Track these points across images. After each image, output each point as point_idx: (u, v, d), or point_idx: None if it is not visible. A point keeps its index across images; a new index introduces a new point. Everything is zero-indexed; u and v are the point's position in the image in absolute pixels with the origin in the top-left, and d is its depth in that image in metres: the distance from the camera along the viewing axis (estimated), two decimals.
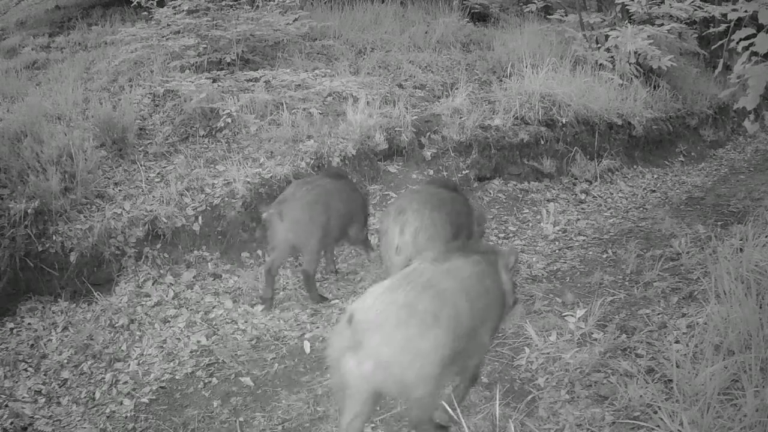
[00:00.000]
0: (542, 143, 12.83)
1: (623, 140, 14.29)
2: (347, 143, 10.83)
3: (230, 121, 10.94)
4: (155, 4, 13.38)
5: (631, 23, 15.41)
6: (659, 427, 5.00)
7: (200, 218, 9.43)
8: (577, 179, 12.94)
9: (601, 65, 14.84)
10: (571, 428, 5.54)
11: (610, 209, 12.02)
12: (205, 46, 12.54)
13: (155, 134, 11.01)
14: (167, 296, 8.69)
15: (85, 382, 7.52)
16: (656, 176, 14.24)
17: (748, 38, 7.05)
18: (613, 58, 14.96)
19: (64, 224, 9.00)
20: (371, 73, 13.54)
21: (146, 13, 13.58)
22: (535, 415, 5.85)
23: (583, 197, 12.37)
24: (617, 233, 10.54)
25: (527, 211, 11.62)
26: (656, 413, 5.16)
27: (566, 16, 16.71)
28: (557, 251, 9.94)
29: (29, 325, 8.37)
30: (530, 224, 11.19)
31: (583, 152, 13.29)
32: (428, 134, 11.82)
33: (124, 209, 9.35)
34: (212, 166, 10.35)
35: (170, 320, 8.30)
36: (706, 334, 6.05)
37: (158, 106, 11.70)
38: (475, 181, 11.91)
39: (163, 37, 12.84)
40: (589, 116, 13.67)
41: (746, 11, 7.59)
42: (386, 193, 10.88)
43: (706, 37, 17.67)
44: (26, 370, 7.69)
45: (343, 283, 9.16)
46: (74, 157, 9.54)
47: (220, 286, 9.00)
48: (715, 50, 17.08)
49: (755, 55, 7.16)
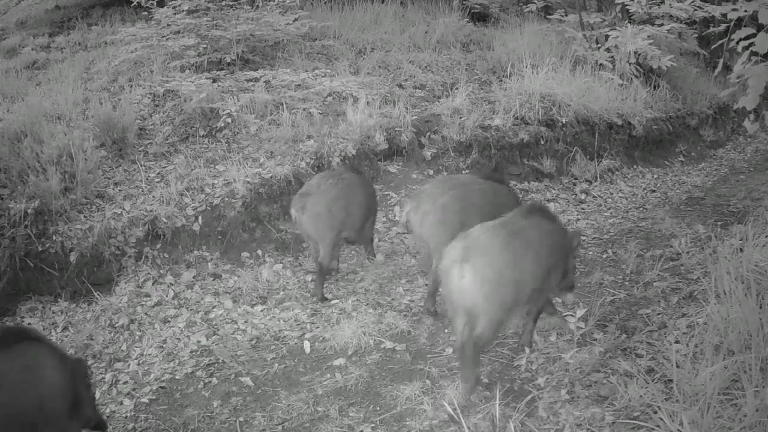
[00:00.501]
0: (542, 143, 12.83)
1: (623, 140, 14.29)
2: (347, 143, 10.82)
3: (230, 121, 10.95)
4: (155, 4, 13.39)
5: (631, 23, 15.40)
6: (659, 427, 5.00)
7: (200, 218, 9.43)
8: (577, 179, 12.93)
9: (601, 65, 14.84)
10: (571, 428, 5.54)
11: (610, 209, 12.02)
12: (205, 46, 12.55)
13: (155, 134, 11.01)
14: (167, 296, 8.69)
15: None
16: (656, 176, 14.24)
17: (747, 38, 7.04)
18: (613, 58, 14.96)
19: (64, 224, 9.01)
20: (371, 73, 13.54)
21: (146, 13, 13.59)
22: (535, 415, 5.84)
23: (583, 197, 12.36)
24: (617, 233, 10.55)
25: None
26: (656, 413, 5.16)
27: (566, 16, 16.71)
28: None
29: (29, 325, 8.34)
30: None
31: (583, 152, 13.29)
32: (428, 134, 11.83)
33: (124, 209, 9.36)
34: (212, 166, 10.35)
35: (170, 320, 8.29)
36: (706, 334, 6.05)
37: (158, 106, 11.70)
38: None
39: (163, 37, 12.85)
40: (589, 116, 13.67)
41: (746, 11, 7.58)
42: (386, 193, 10.88)
43: (706, 37, 17.69)
44: None
45: (343, 283, 9.14)
46: (74, 157, 9.55)
47: (220, 286, 8.98)
48: (715, 50, 17.09)
49: (755, 55, 7.15)
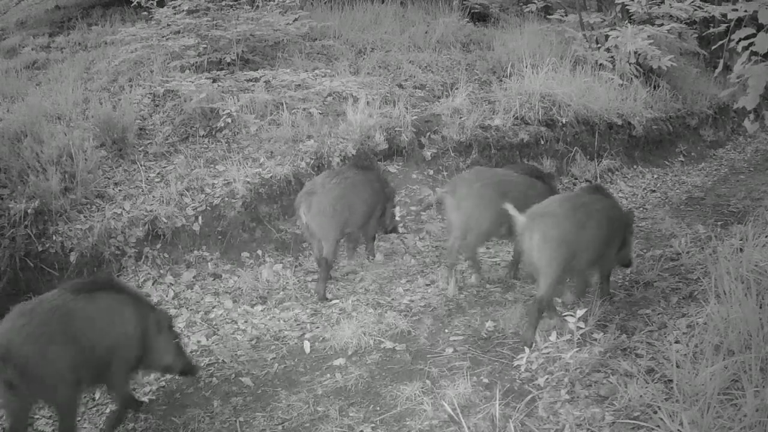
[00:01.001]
0: (542, 143, 12.85)
1: (623, 140, 14.31)
2: (347, 143, 10.82)
3: (230, 121, 10.95)
4: (155, 4, 13.37)
5: (631, 23, 15.42)
6: (659, 427, 5.00)
7: (200, 218, 9.43)
8: (577, 179, 12.94)
9: (601, 65, 14.86)
10: (571, 428, 5.54)
11: None
12: (205, 46, 12.55)
13: (155, 134, 11.01)
14: (167, 296, 8.69)
15: None
16: (656, 176, 14.27)
17: (748, 38, 7.05)
18: (613, 58, 14.97)
19: (64, 224, 9.00)
20: (371, 73, 13.54)
21: (146, 13, 13.57)
22: (534, 415, 5.85)
23: None
24: None
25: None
26: (656, 413, 5.16)
27: (566, 16, 16.73)
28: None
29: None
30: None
31: (583, 152, 13.32)
32: (428, 134, 11.85)
33: (124, 209, 9.35)
34: (212, 166, 10.36)
35: None
36: (706, 334, 6.06)
37: (158, 106, 11.69)
38: None
39: (163, 37, 12.84)
40: (589, 116, 13.70)
41: (746, 11, 7.59)
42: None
43: (706, 37, 17.67)
44: None
45: (343, 282, 9.16)
46: (74, 157, 9.55)
47: (220, 286, 9.00)
48: (715, 50, 17.08)
49: (755, 54, 7.16)
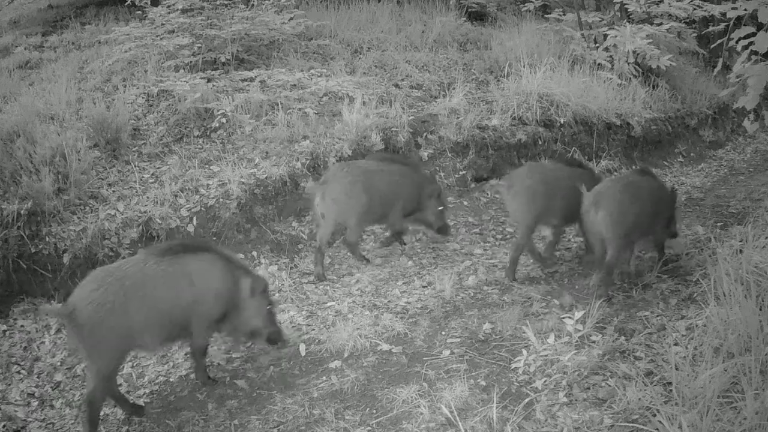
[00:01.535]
0: (540, 144, 12.86)
1: (622, 141, 14.29)
2: (343, 143, 10.82)
3: (225, 121, 10.95)
4: (149, 3, 13.41)
5: (629, 22, 15.43)
6: (658, 430, 5.00)
7: (195, 219, 9.43)
8: None
9: (599, 65, 14.86)
10: (569, 431, 5.55)
11: None
12: (199, 45, 12.55)
13: (149, 134, 10.98)
14: None
15: (78, 385, 7.54)
16: None
17: (747, 37, 7.06)
18: (611, 57, 14.97)
19: (57, 225, 8.99)
20: (367, 72, 13.52)
21: (140, 12, 13.56)
22: (532, 418, 5.84)
23: None
24: None
25: None
26: (655, 416, 5.16)
27: (564, 15, 16.68)
28: (555, 252, 9.94)
29: (22, 327, 8.37)
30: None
31: (581, 153, 13.28)
32: (425, 134, 11.86)
33: (117, 210, 9.34)
34: (207, 166, 10.35)
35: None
36: (705, 336, 6.08)
37: (152, 106, 11.65)
38: (472, 181, 11.95)
39: (157, 36, 12.83)
40: (587, 116, 13.69)
41: (746, 10, 7.60)
42: None
43: (705, 36, 17.72)
44: (19, 372, 7.70)
45: (339, 284, 9.15)
46: (67, 157, 9.53)
47: None
48: (714, 49, 17.12)
49: (755, 54, 7.18)
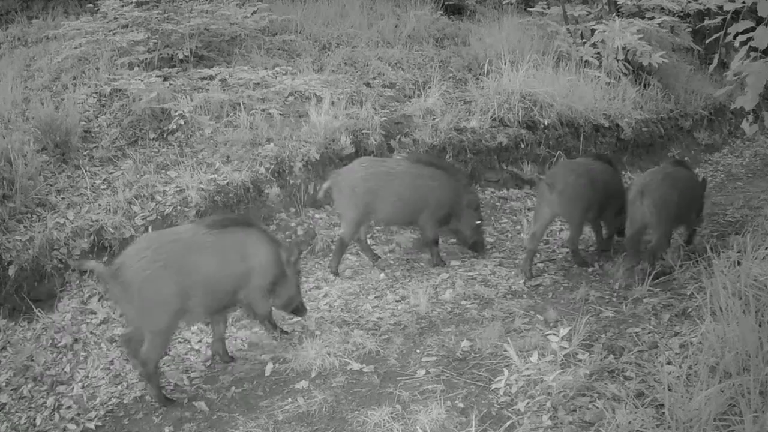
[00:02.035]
0: (522, 147, 12.89)
1: (611, 144, 14.30)
2: (310, 147, 10.82)
3: (183, 122, 10.94)
4: None
5: (619, 16, 15.45)
6: None
7: (150, 228, 9.37)
8: None
9: (586, 62, 14.89)
10: None
11: None
12: (155, 41, 12.51)
13: (101, 137, 10.96)
14: (114, 313, 8.63)
15: (25, 406, 7.47)
16: None
17: (746, 32, 7.05)
18: (599, 54, 15.00)
19: (2, 235, 8.96)
20: (336, 70, 13.52)
21: (92, 5, 13.56)
22: None
23: None
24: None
25: (506, 220, 11.72)
26: None
27: (549, 8, 16.68)
28: (539, 264, 9.96)
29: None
30: (509, 235, 11.28)
31: (567, 157, 13.25)
32: (398, 137, 11.85)
33: (67, 218, 9.31)
34: (163, 171, 10.31)
35: (117, 339, 8.19)
36: (700, 354, 6.06)
37: (105, 106, 11.64)
38: None
39: (109, 31, 12.78)
40: (573, 117, 13.72)
41: (744, 3, 7.60)
42: None
43: (700, 31, 17.73)
44: None
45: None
46: (13, 162, 9.48)
47: None
48: (710, 45, 17.02)
49: (754, 50, 7.17)
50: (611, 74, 14.88)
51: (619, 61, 14.90)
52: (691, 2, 15.66)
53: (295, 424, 6.62)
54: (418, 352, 7.62)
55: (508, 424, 6.04)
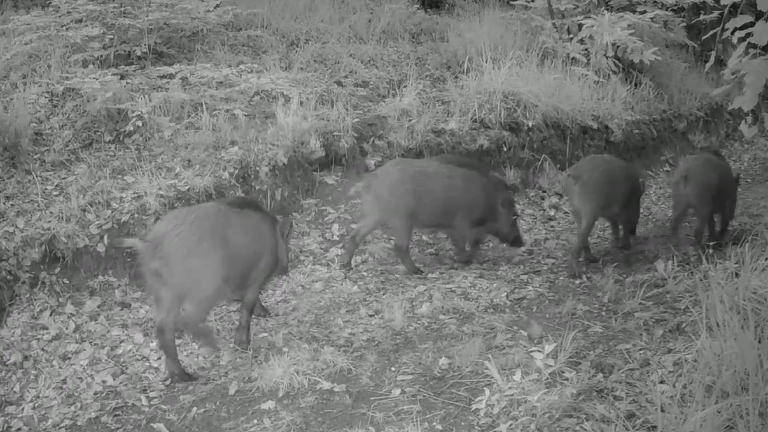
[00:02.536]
0: (505, 150, 12.87)
1: (599, 147, 14.28)
2: (277, 150, 10.80)
3: (141, 124, 10.87)
4: None
5: (608, 10, 15.50)
6: None
7: (106, 238, 9.33)
8: (545, 192, 12.99)
9: (573, 59, 14.90)
10: None
11: None
12: (111, 36, 12.41)
13: (53, 140, 10.89)
14: (67, 329, 8.58)
15: None
16: None
17: (744, 27, 7.07)
18: (587, 50, 15.03)
19: None
20: (305, 68, 13.52)
21: None
22: None
23: (552, 213, 12.45)
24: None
25: None
26: None
27: (533, 1, 16.64)
28: (522, 276, 10.01)
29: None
30: (490, 245, 11.30)
31: (552, 161, 13.35)
32: (372, 140, 11.84)
33: (16, 227, 9.22)
34: (120, 176, 10.26)
35: (71, 357, 8.19)
36: (695, 372, 6.07)
37: (57, 106, 11.55)
38: None
39: (62, 26, 12.67)
40: (559, 119, 13.74)
41: None
42: (323, 208, 10.93)
43: (696, 26, 17.81)
44: None
45: (272, 313, 9.08)
46: None
47: (129, 316, 8.92)
48: (706, 42, 17.07)
49: (753, 47, 7.20)
50: (600, 72, 14.90)
51: (608, 58, 14.93)
52: None
53: None
54: (392, 370, 7.58)
55: None
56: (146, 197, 9.67)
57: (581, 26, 15.15)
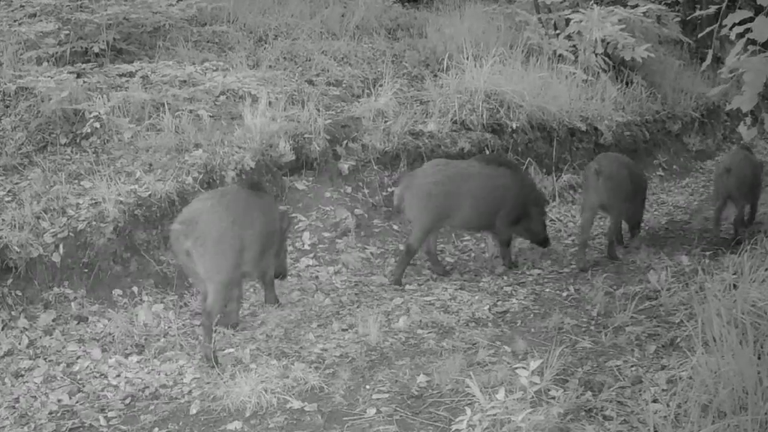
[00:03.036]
0: (487, 153, 12.76)
1: (588, 150, 14.35)
2: (244, 153, 10.78)
3: (99, 126, 10.81)
4: None
5: (598, 4, 15.56)
6: None
7: (61, 247, 9.26)
8: None
9: (560, 56, 14.94)
10: None
11: (571, 236, 12.18)
12: (67, 32, 12.35)
13: (5, 142, 10.87)
14: (20, 344, 8.52)
15: None
16: None
17: (743, 23, 7.09)
18: (575, 47, 15.08)
19: None
20: (274, 66, 13.54)
21: None
22: None
23: None
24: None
25: (468, 238, 11.79)
26: None
27: None
28: (506, 288, 10.01)
29: None
30: (472, 254, 11.36)
31: (538, 165, 13.38)
32: (345, 142, 11.85)
33: None
34: (76, 181, 10.21)
35: (24, 374, 8.14)
36: (691, 391, 6.07)
37: (9, 107, 11.51)
38: None
39: (15, 21, 12.60)
40: (545, 120, 13.79)
41: None
42: (293, 215, 10.84)
43: (691, 21, 17.91)
44: None
45: (239, 327, 9.02)
46: None
47: (86, 331, 8.84)
48: (702, 38, 17.06)
49: (752, 43, 7.21)
50: (589, 70, 14.94)
51: (597, 55, 14.97)
52: None
53: None
54: (367, 388, 7.56)
55: None
56: (104, 204, 9.60)
57: (569, 21, 15.20)
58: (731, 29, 7.27)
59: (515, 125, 13.28)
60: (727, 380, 5.86)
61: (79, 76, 11.54)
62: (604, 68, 15.11)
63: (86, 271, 9.29)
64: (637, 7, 15.51)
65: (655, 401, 6.34)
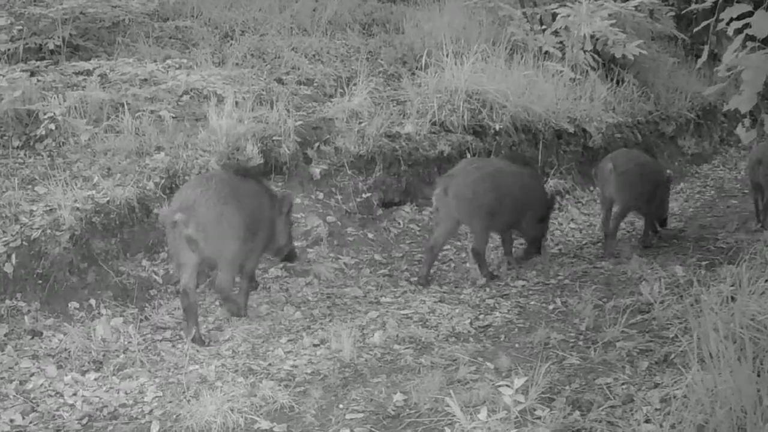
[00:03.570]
0: (469, 157, 12.75)
1: (576, 153, 14.42)
2: (209, 157, 10.79)
3: (54, 127, 10.78)
4: None
5: None
6: None
7: (14, 257, 9.20)
8: None
9: (546, 53, 14.99)
10: None
11: (558, 244, 12.23)
12: (20, 27, 12.28)
13: None
14: None
15: None
16: None
17: (741, 17, 7.10)
18: (562, 43, 15.09)
19: None
20: (241, 63, 13.57)
21: None
22: None
23: None
24: (568, 277, 10.73)
25: (448, 247, 11.70)
26: None
27: None
28: (488, 300, 10.01)
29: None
30: (452, 265, 11.35)
31: None
32: (317, 145, 11.86)
33: None
34: (30, 187, 10.18)
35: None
36: (686, 410, 6.07)
37: None
38: (379, 207, 12.02)
39: None
40: (530, 121, 13.80)
41: None
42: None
43: (686, 16, 17.91)
44: None
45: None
46: None
47: (40, 346, 8.77)
48: (698, 34, 17.15)
49: (751, 40, 7.22)
50: (577, 68, 14.97)
51: (586, 52, 14.98)
52: None
53: None
54: (340, 407, 7.53)
55: None
56: (60, 210, 9.56)
57: (555, 16, 15.21)
58: (728, 24, 7.26)
59: (498, 127, 13.29)
60: (724, 399, 5.85)
61: (32, 74, 11.50)
62: (593, 66, 15.14)
63: (40, 282, 9.23)
64: (628, 0, 15.52)
65: (647, 421, 6.33)
